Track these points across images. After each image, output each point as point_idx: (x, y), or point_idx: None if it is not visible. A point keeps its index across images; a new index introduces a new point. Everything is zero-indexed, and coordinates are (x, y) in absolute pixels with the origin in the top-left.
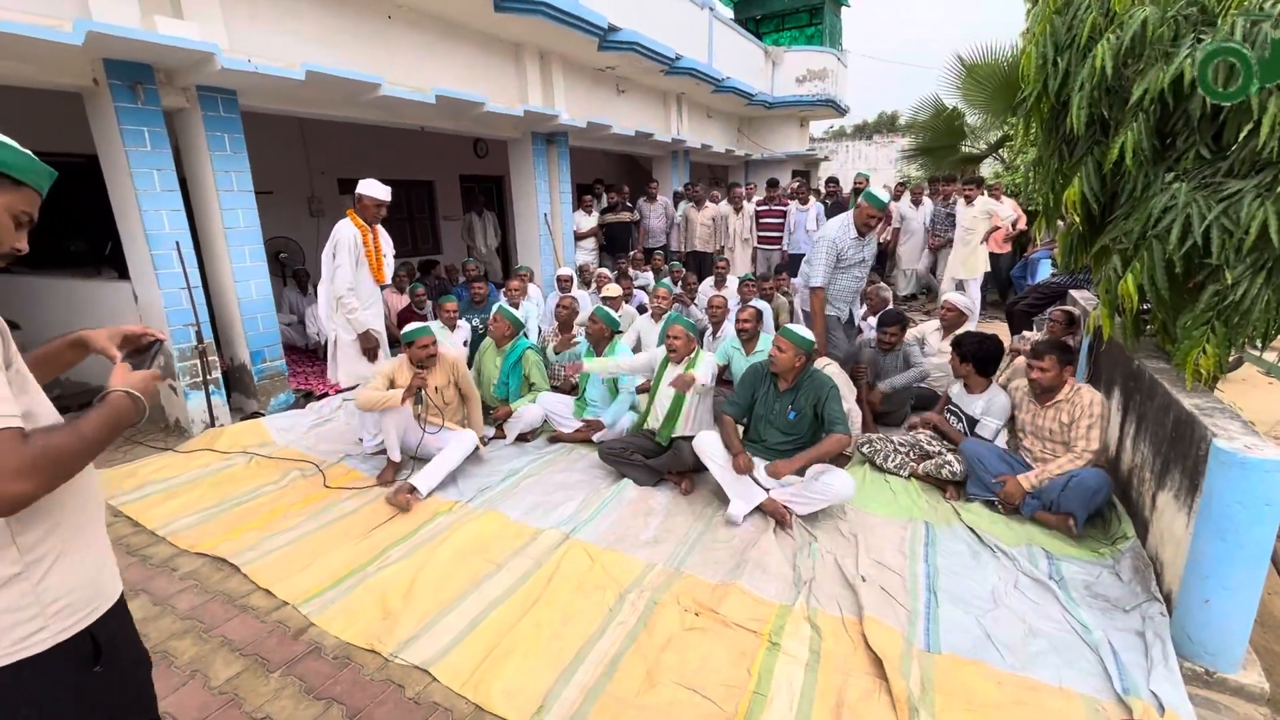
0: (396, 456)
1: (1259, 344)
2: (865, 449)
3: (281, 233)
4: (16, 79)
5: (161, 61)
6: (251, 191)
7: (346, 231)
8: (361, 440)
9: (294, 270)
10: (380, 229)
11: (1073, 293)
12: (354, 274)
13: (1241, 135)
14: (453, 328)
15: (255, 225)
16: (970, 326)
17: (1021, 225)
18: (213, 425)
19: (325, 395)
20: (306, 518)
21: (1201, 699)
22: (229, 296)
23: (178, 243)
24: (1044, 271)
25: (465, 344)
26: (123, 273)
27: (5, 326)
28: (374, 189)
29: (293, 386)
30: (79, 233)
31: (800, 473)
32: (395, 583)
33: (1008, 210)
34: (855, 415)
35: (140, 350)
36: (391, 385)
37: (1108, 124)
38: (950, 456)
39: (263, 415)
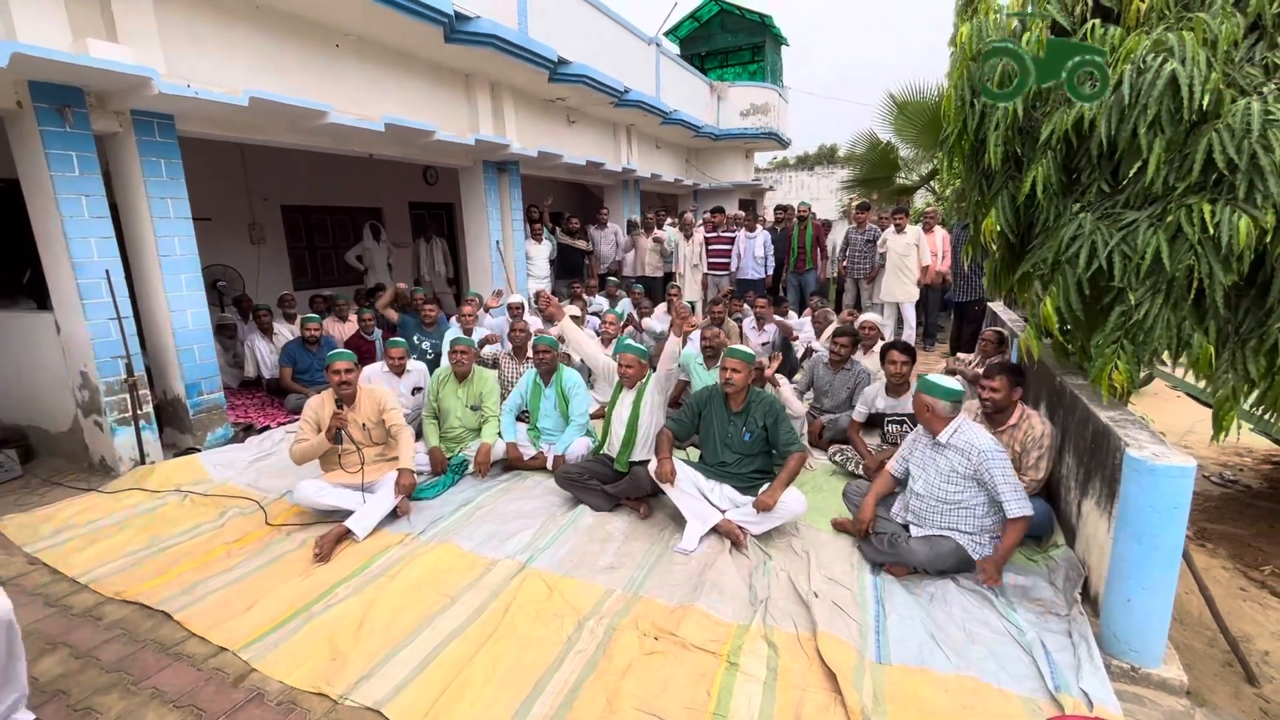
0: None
1: (1167, 360)
2: (838, 458)
3: (220, 260)
4: None
5: (93, 85)
6: (189, 219)
7: None
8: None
9: (234, 298)
10: None
11: (1000, 314)
12: None
13: (1133, 171)
14: (400, 373)
15: (193, 253)
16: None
17: (937, 266)
18: (143, 463)
19: (266, 428)
20: (246, 557)
21: (1129, 694)
22: (163, 327)
23: (107, 271)
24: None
25: (416, 391)
26: (42, 303)
27: None
28: None
29: (231, 420)
30: None
31: (754, 492)
32: (344, 621)
33: (936, 240)
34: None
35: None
36: (319, 429)
37: (1021, 160)
38: None
39: (199, 451)
